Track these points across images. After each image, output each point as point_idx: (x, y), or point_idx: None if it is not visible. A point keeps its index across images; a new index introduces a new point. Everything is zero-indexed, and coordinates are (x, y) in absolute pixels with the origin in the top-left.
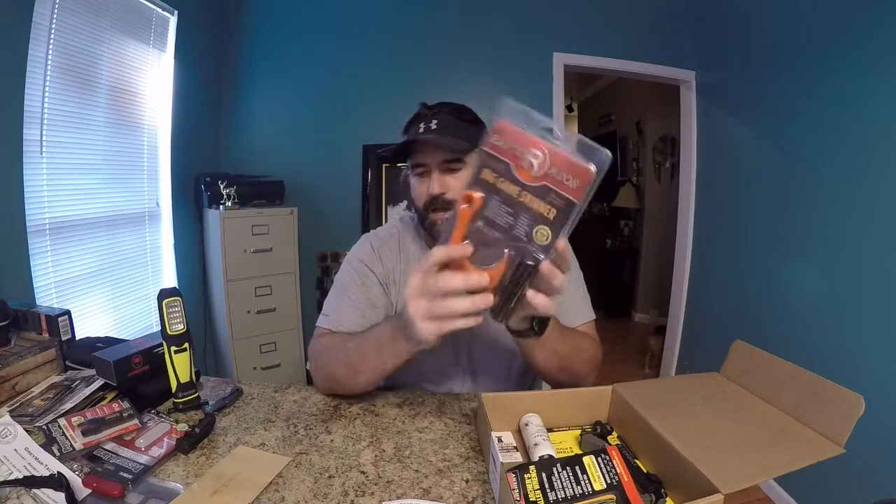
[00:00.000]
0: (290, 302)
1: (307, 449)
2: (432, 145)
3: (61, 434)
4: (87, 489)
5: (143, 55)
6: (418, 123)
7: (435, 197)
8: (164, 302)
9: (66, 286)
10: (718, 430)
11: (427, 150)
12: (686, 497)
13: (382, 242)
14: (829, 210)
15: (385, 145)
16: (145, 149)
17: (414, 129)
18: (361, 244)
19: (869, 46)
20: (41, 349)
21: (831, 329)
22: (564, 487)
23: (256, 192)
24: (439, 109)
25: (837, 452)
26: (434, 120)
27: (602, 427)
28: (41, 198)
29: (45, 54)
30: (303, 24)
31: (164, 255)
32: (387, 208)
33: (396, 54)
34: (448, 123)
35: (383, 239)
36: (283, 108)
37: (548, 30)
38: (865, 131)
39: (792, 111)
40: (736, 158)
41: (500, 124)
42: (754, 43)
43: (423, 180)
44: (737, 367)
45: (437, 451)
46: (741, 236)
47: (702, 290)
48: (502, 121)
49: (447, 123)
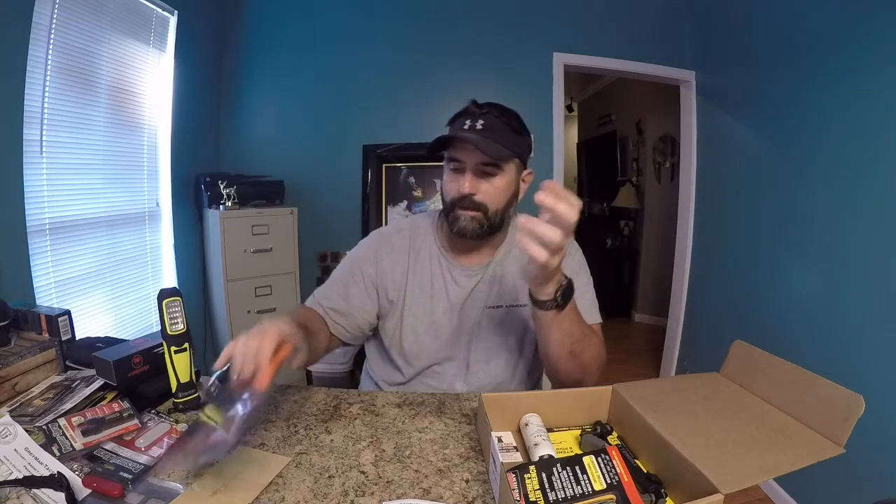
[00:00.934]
0: (290, 302)
1: (307, 449)
2: (473, 145)
3: (61, 434)
4: (87, 489)
5: (143, 55)
6: (464, 119)
7: (465, 196)
8: (164, 302)
9: (66, 286)
10: (718, 430)
11: (467, 149)
12: (686, 497)
13: (385, 241)
14: (829, 210)
15: (385, 145)
16: (145, 149)
17: (458, 124)
18: (364, 242)
19: (868, 46)
20: (41, 349)
21: (831, 329)
22: (564, 487)
23: (256, 192)
24: (488, 110)
25: (837, 452)
26: (481, 120)
27: (602, 427)
28: (41, 198)
29: (45, 54)
30: (303, 24)
31: (164, 255)
32: (387, 208)
33: (396, 54)
34: (494, 127)
35: (387, 237)
36: (283, 107)
37: (548, 30)
38: (865, 131)
39: (792, 111)
40: (736, 158)
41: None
42: (754, 43)
43: (457, 176)
44: (737, 367)
45: (437, 451)
46: (741, 236)
47: (702, 290)
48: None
49: (493, 126)
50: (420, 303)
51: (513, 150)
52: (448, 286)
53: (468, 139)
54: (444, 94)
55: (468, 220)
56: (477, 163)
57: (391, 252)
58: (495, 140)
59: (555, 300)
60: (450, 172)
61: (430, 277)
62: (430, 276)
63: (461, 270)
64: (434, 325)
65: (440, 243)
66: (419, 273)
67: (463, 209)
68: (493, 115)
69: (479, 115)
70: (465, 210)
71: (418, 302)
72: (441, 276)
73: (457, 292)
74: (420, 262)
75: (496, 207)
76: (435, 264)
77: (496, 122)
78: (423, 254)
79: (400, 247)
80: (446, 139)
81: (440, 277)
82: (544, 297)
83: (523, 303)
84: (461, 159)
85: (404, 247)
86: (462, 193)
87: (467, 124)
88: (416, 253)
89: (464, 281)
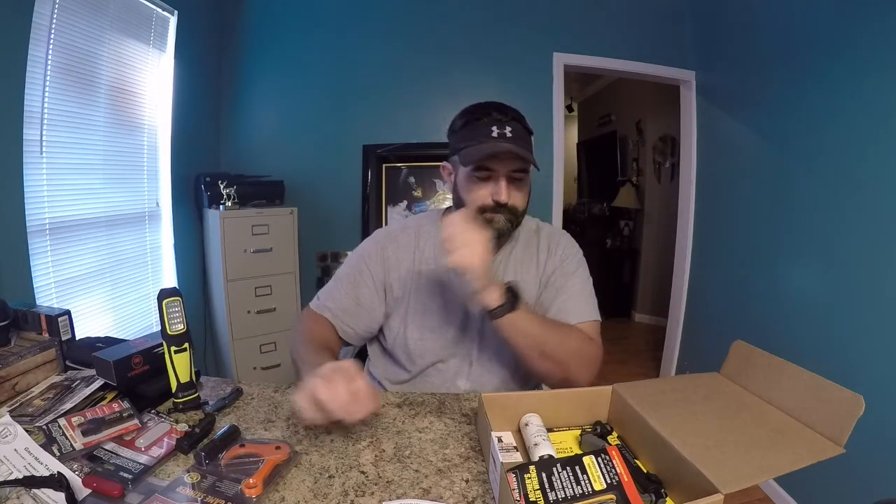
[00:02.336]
0: (290, 302)
1: (307, 449)
2: (515, 155)
3: (61, 434)
4: (87, 489)
5: (143, 55)
6: (489, 127)
7: (501, 204)
8: (164, 302)
9: (66, 286)
10: (718, 430)
11: (501, 157)
12: (686, 497)
13: (391, 238)
14: (829, 210)
15: (385, 145)
16: (145, 149)
17: (482, 131)
18: (369, 240)
19: (868, 46)
20: (41, 349)
21: (831, 329)
22: (564, 487)
23: (256, 192)
24: (510, 115)
25: (837, 452)
26: (508, 127)
27: (602, 427)
28: (41, 198)
29: (45, 54)
30: (303, 24)
31: (164, 255)
32: (387, 208)
33: (397, 54)
34: (520, 133)
35: (393, 234)
36: (283, 107)
37: (548, 30)
38: (865, 131)
39: (792, 111)
40: (735, 158)
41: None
42: (754, 43)
43: (486, 184)
44: (737, 367)
45: (437, 451)
46: (741, 236)
47: (702, 290)
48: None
49: (519, 133)
50: (425, 301)
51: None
52: (454, 285)
53: (511, 150)
54: (444, 94)
55: (503, 222)
56: (509, 170)
57: (397, 250)
58: (525, 147)
59: (503, 304)
60: (475, 179)
61: (436, 276)
62: (435, 275)
63: None
64: (439, 323)
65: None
66: (425, 273)
67: (496, 213)
68: (515, 120)
69: (506, 121)
70: (499, 213)
71: (423, 300)
72: (446, 274)
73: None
74: (425, 261)
75: (523, 208)
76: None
77: (519, 127)
78: (429, 252)
79: (406, 244)
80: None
81: (445, 276)
82: (494, 304)
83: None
84: (494, 168)
85: (410, 245)
86: (498, 201)
87: (495, 132)
88: (422, 251)
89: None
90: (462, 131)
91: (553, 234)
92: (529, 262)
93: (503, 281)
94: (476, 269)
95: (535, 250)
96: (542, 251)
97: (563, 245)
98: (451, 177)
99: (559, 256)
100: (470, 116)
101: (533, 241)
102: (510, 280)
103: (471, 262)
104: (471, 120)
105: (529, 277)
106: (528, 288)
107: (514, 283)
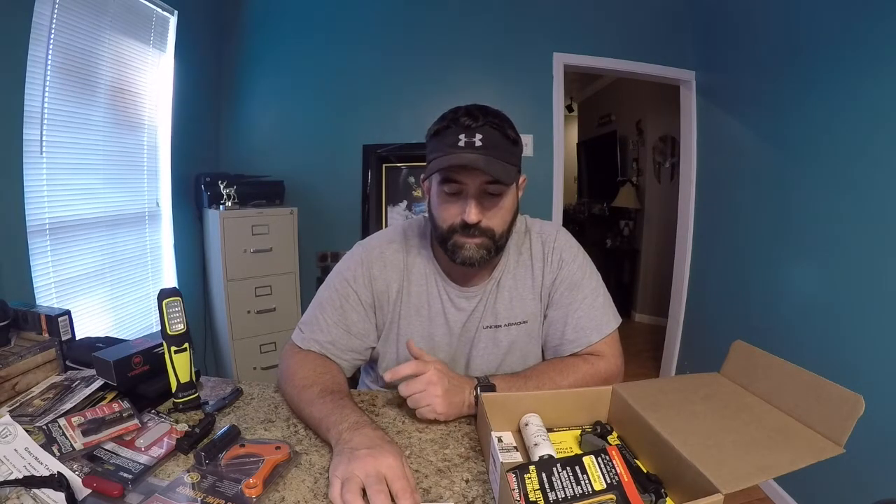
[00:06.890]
0: (290, 302)
1: (307, 449)
2: (479, 169)
3: (61, 434)
4: (87, 489)
5: (143, 55)
6: (456, 134)
7: (470, 225)
8: (164, 302)
9: (66, 286)
10: (718, 430)
11: (470, 170)
12: (686, 497)
13: (376, 256)
14: (829, 210)
15: (385, 145)
16: (145, 149)
17: (450, 140)
18: (351, 258)
19: (868, 46)
20: (41, 349)
21: (831, 329)
22: (564, 487)
23: (256, 192)
24: (482, 120)
25: (837, 452)
26: (478, 134)
27: (602, 427)
28: (41, 198)
29: (45, 54)
30: (303, 23)
31: (164, 255)
32: (387, 208)
33: (397, 54)
34: (494, 141)
35: (377, 251)
36: (283, 108)
37: (548, 30)
38: (865, 131)
39: (792, 111)
40: (736, 158)
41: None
42: (754, 43)
43: (455, 201)
44: (737, 367)
45: (437, 451)
46: (741, 236)
47: (702, 290)
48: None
49: (493, 142)
50: (416, 327)
51: (516, 164)
52: (446, 310)
53: (472, 163)
54: (444, 94)
55: (474, 249)
56: (481, 183)
57: (384, 268)
58: (499, 157)
59: (476, 397)
60: (444, 195)
61: (427, 300)
62: (426, 299)
63: (460, 293)
64: (431, 350)
65: (435, 263)
66: (414, 294)
67: (467, 237)
68: (487, 125)
69: (475, 128)
70: (470, 238)
71: (414, 325)
72: (438, 298)
73: (455, 316)
74: (414, 282)
75: (503, 229)
76: (431, 285)
77: (494, 134)
78: (417, 271)
79: (393, 262)
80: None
81: (437, 300)
82: (473, 401)
83: (521, 320)
84: (462, 181)
85: (398, 263)
86: (468, 221)
87: (462, 140)
88: (409, 270)
89: (463, 303)
90: (432, 140)
91: (546, 233)
92: (524, 276)
93: (472, 383)
94: (445, 416)
95: (529, 258)
96: (537, 258)
97: (560, 248)
98: (428, 193)
99: (557, 263)
100: (440, 123)
101: (525, 245)
102: (479, 381)
103: (436, 415)
104: (441, 128)
105: (526, 294)
106: (526, 307)
107: (483, 381)
